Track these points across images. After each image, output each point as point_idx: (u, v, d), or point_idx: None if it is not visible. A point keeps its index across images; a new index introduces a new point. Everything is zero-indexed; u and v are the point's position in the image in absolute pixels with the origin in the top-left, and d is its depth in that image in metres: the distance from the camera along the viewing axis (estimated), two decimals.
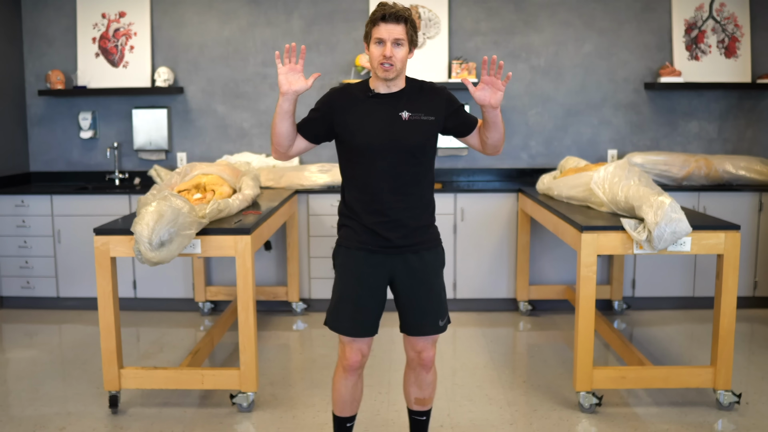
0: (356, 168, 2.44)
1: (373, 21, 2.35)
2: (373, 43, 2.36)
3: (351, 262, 2.47)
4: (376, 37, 2.34)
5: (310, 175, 4.83)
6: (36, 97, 5.33)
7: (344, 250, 2.49)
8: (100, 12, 5.22)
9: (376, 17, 2.34)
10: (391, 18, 2.32)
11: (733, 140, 5.23)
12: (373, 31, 2.35)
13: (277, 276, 4.92)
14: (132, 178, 5.31)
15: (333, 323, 2.51)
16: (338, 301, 2.49)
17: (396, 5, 2.35)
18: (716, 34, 5.13)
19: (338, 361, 2.57)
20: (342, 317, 2.48)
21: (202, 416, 3.22)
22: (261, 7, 5.19)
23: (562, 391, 3.47)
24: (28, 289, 4.89)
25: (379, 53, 2.34)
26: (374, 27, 2.35)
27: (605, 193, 3.46)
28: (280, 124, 2.40)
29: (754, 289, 4.81)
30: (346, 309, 2.47)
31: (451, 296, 4.81)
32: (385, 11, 2.32)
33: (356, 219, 2.46)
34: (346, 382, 2.56)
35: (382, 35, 2.33)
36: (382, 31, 2.33)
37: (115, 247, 3.14)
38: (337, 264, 2.53)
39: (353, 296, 2.46)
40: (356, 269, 2.46)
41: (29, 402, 3.38)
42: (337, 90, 2.52)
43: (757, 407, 3.25)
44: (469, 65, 5.01)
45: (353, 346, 2.50)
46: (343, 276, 2.49)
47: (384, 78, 2.38)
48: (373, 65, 2.38)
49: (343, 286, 2.49)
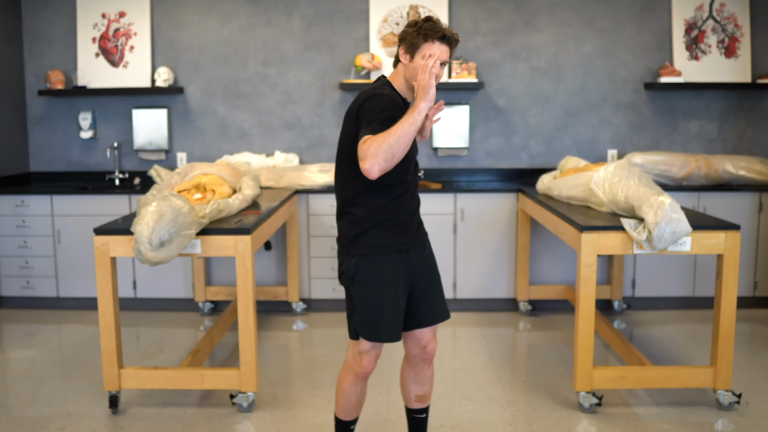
0: (401, 174, 2.41)
1: (427, 36, 2.34)
2: (420, 58, 2.35)
3: (385, 268, 2.42)
4: (428, 53, 2.34)
5: (310, 175, 4.83)
6: (36, 97, 5.33)
7: (373, 258, 2.42)
8: (100, 12, 5.22)
9: (434, 35, 2.34)
10: (448, 40, 2.37)
11: (733, 140, 5.23)
12: (425, 47, 2.34)
13: (277, 276, 4.92)
14: (132, 178, 5.31)
15: (373, 333, 2.43)
16: (377, 310, 2.42)
17: (449, 29, 2.39)
18: (716, 34, 5.13)
19: (350, 369, 2.53)
20: (383, 325, 2.43)
21: (202, 416, 3.22)
22: (261, 7, 5.20)
23: (562, 391, 3.47)
24: (28, 289, 4.89)
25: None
26: (427, 43, 2.34)
27: (605, 193, 3.46)
28: (414, 134, 2.25)
29: (754, 289, 4.81)
30: (386, 316, 2.42)
31: (451, 296, 4.81)
32: (445, 33, 2.35)
33: (387, 223, 2.43)
34: (356, 388, 2.56)
35: (436, 54, 2.34)
36: (436, 49, 2.34)
37: (115, 247, 3.14)
38: (362, 274, 2.42)
39: (393, 300, 2.43)
40: (392, 273, 2.43)
41: (29, 402, 3.38)
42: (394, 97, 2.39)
43: (757, 407, 3.25)
44: (469, 65, 5.01)
45: (372, 354, 2.49)
46: (377, 283, 2.41)
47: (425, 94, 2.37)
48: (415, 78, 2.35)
49: (379, 294, 2.42)
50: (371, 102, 2.29)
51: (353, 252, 2.44)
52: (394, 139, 2.16)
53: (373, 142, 2.17)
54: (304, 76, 5.23)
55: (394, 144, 2.16)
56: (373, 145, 2.16)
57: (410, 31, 2.38)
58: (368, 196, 2.41)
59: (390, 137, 2.16)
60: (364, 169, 2.16)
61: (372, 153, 2.15)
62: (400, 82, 2.45)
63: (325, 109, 5.25)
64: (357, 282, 2.43)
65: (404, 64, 2.41)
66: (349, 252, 2.45)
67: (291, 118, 5.27)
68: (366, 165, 2.16)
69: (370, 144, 2.17)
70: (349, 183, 2.43)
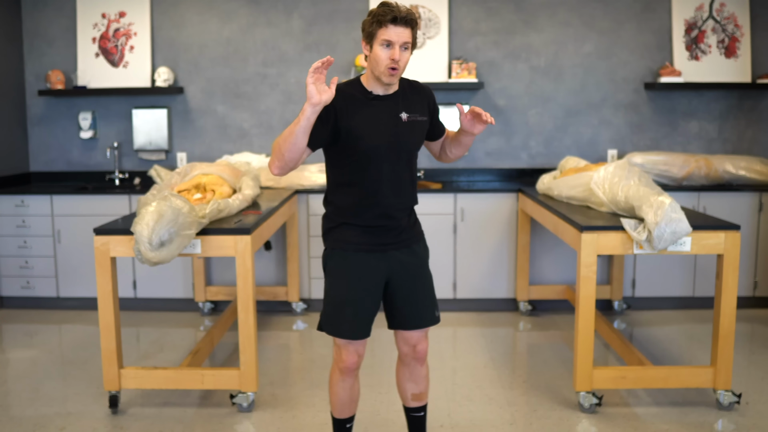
0: (357, 172, 2.39)
1: (380, 22, 2.25)
2: (379, 45, 2.27)
3: (349, 265, 2.44)
4: (384, 39, 2.26)
5: (310, 175, 4.83)
6: (36, 97, 5.33)
7: (340, 252, 2.45)
8: (100, 12, 5.22)
9: (385, 19, 2.24)
10: (401, 21, 2.25)
11: (733, 140, 5.23)
12: (380, 33, 2.26)
13: (277, 276, 4.92)
14: (132, 178, 5.31)
15: (330, 327, 2.46)
16: (336, 305, 2.45)
17: (403, 8, 2.28)
18: (716, 34, 5.13)
19: (334, 364, 2.55)
20: (341, 320, 2.44)
21: (202, 416, 3.22)
22: (261, 7, 5.20)
23: (562, 391, 3.47)
24: (28, 289, 4.89)
25: (386, 56, 2.27)
26: (381, 28, 2.25)
27: (605, 193, 3.46)
28: (302, 138, 2.23)
29: (754, 289, 4.81)
30: (345, 312, 2.43)
31: (451, 296, 4.81)
32: (396, 14, 2.24)
33: (353, 221, 2.43)
34: (344, 384, 2.55)
35: (391, 38, 2.25)
36: (391, 33, 2.25)
37: (115, 247, 3.14)
38: (330, 267, 2.48)
39: (354, 298, 2.44)
40: (355, 271, 2.44)
41: (29, 402, 3.38)
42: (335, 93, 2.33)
43: (757, 407, 3.25)
44: (469, 65, 5.01)
45: (350, 348, 2.49)
46: (340, 279, 2.45)
47: (389, 82, 2.33)
48: (377, 68, 2.30)
49: (341, 289, 2.45)
50: None
51: (326, 245, 2.52)
52: (282, 138, 2.27)
53: (275, 142, 2.32)
54: (304, 76, 5.23)
55: (282, 143, 2.27)
56: (274, 144, 2.32)
57: (366, 21, 2.31)
58: (337, 193, 2.46)
59: (280, 137, 2.29)
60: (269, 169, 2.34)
61: (273, 152, 2.32)
62: (368, 74, 2.39)
63: None
64: (326, 274, 2.51)
65: (367, 55, 2.35)
66: (325, 245, 2.53)
67: (291, 118, 5.27)
68: (270, 165, 2.34)
69: (273, 146, 2.33)
70: (328, 177, 2.51)
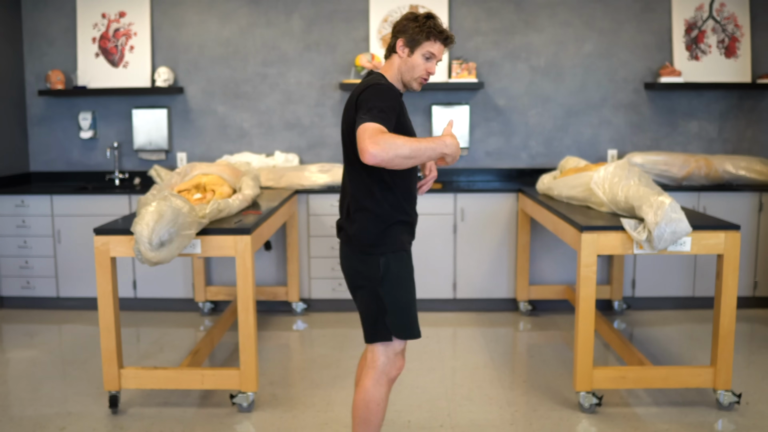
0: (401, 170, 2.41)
1: (430, 35, 2.37)
2: (420, 55, 2.39)
3: (408, 264, 2.45)
4: (429, 52, 2.39)
5: (310, 175, 4.83)
6: (36, 97, 5.33)
7: (402, 254, 2.42)
8: (100, 12, 5.23)
9: (438, 36, 2.37)
10: (447, 41, 2.41)
11: (733, 140, 5.23)
12: (427, 44, 2.38)
13: (277, 276, 4.92)
14: (132, 178, 5.31)
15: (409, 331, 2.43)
16: (408, 308, 2.42)
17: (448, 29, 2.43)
18: (716, 34, 5.13)
19: (384, 375, 2.43)
20: (414, 322, 2.45)
21: (202, 416, 3.22)
22: (261, 7, 5.20)
23: (562, 391, 3.47)
24: (28, 289, 4.89)
25: (424, 68, 2.40)
26: (429, 41, 2.37)
27: (605, 193, 3.46)
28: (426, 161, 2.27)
29: (754, 289, 4.81)
30: (414, 313, 2.45)
31: (450, 296, 4.82)
32: (448, 35, 2.40)
33: (404, 219, 2.44)
34: (388, 394, 2.47)
35: (436, 53, 2.40)
36: (437, 49, 2.40)
37: (115, 247, 3.14)
38: (393, 271, 2.39)
39: (414, 298, 2.47)
40: (412, 270, 2.47)
41: (29, 402, 3.38)
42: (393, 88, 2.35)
43: (757, 407, 3.25)
44: (469, 65, 5.01)
45: (404, 351, 2.49)
46: (407, 281, 2.43)
47: (416, 90, 2.46)
48: (410, 73, 2.41)
49: (409, 292, 2.43)
50: (372, 90, 2.28)
51: (381, 251, 2.39)
52: (411, 151, 2.15)
53: (393, 137, 2.13)
54: (304, 76, 5.23)
55: (408, 155, 2.15)
56: (392, 140, 2.12)
57: (412, 26, 2.37)
58: (384, 191, 2.38)
59: (409, 145, 2.15)
60: (368, 150, 2.10)
61: (386, 145, 2.11)
62: (393, 73, 2.43)
63: (325, 109, 5.25)
64: (388, 281, 2.38)
65: (401, 56, 2.40)
66: (375, 251, 2.39)
67: (291, 118, 5.27)
68: (374, 150, 2.09)
69: (389, 137, 2.13)
70: (363, 179, 2.38)
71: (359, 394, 2.44)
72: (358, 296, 2.47)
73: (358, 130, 2.16)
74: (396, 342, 2.43)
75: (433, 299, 4.84)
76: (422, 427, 3.08)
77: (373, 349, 2.44)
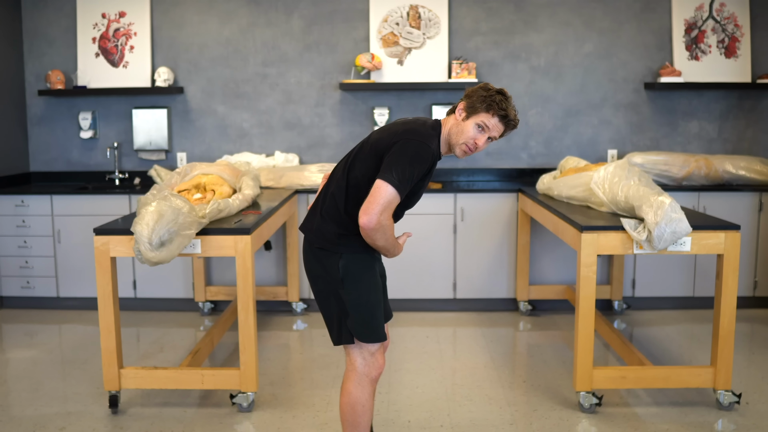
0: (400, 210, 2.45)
1: (492, 108, 2.32)
2: (474, 123, 2.34)
3: (371, 267, 2.42)
4: (483, 122, 2.34)
5: (310, 175, 4.83)
6: (36, 97, 5.33)
7: (362, 256, 2.40)
8: (100, 12, 5.22)
9: (498, 111, 2.32)
10: (507, 122, 2.37)
11: (733, 140, 5.23)
12: (483, 116, 2.33)
13: (277, 276, 4.92)
14: (132, 178, 5.31)
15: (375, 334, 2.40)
16: (373, 309, 2.40)
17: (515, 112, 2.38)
18: (716, 34, 5.13)
19: (365, 376, 2.43)
20: (380, 324, 2.42)
21: (202, 416, 3.22)
22: (261, 7, 5.19)
23: (562, 391, 3.47)
24: (28, 289, 4.89)
25: (472, 136, 2.35)
26: (488, 114, 2.33)
27: (605, 193, 3.46)
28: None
29: (754, 289, 4.81)
30: (379, 315, 2.43)
31: (450, 296, 4.82)
32: (510, 116, 2.35)
33: None
34: (373, 393, 2.47)
35: (490, 127, 2.35)
36: (492, 124, 2.35)
37: (115, 247, 3.14)
38: (352, 273, 2.38)
39: (379, 299, 2.44)
40: (374, 273, 2.44)
41: (29, 402, 3.38)
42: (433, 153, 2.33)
43: (757, 407, 3.25)
44: (469, 65, 5.00)
45: (382, 350, 2.47)
46: (368, 282, 2.40)
47: (460, 157, 2.41)
48: (458, 138, 2.36)
49: (372, 293, 2.41)
50: (412, 147, 2.26)
51: (340, 250, 2.39)
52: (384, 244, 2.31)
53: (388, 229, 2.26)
54: (304, 76, 5.23)
55: (381, 246, 2.31)
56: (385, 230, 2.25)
57: (479, 93, 2.34)
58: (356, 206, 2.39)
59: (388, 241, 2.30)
60: (369, 213, 2.20)
61: (380, 229, 2.23)
62: (445, 131, 2.41)
63: (325, 109, 5.25)
64: (348, 282, 2.38)
65: (457, 118, 2.38)
66: (335, 249, 2.39)
67: (291, 118, 5.27)
68: (370, 222, 2.21)
69: (386, 228, 2.25)
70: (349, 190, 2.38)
71: (344, 398, 2.44)
72: (319, 297, 2.47)
73: (377, 185, 2.21)
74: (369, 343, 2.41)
75: (433, 299, 4.84)
76: (422, 427, 3.08)
77: (348, 352, 2.44)
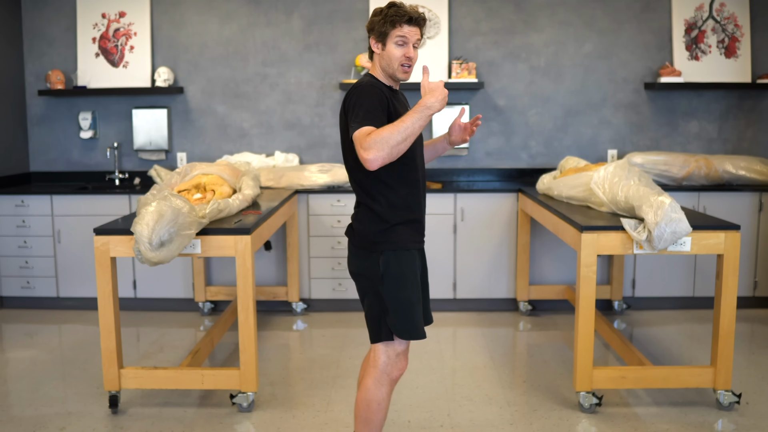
0: (405, 164, 2.39)
1: (394, 22, 2.34)
2: (393, 43, 2.37)
3: (412, 263, 2.41)
4: (400, 36, 2.35)
5: (310, 175, 4.83)
6: (36, 97, 5.33)
7: (404, 253, 2.39)
8: (100, 12, 5.22)
9: (400, 19, 2.34)
10: (414, 21, 2.37)
11: (733, 140, 5.23)
12: (395, 32, 2.35)
13: (277, 276, 4.92)
14: (132, 178, 5.31)
15: (411, 331, 2.39)
16: (410, 306, 2.39)
17: (414, 8, 2.38)
18: (716, 34, 5.13)
19: (385, 375, 2.42)
20: (418, 322, 2.41)
21: (202, 416, 3.22)
22: (261, 7, 5.19)
23: (562, 391, 3.47)
24: (28, 289, 4.89)
25: (400, 54, 2.37)
26: (395, 28, 2.35)
27: (605, 193, 3.46)
28: (420, 130, 2.25)
29: (754, 289, 4.81)
30: (419, 312, 2.42)
31: (450, 296, 4.82)
32: (411, 14, 2.36)
33: (413, 217, 2.43)
34: (389, 395, 2.45)
35: (407, 36, 2.36)
36: (406, 32, 2.36)
37: (115, 247, 3.14)
38: (392, 269, 2.37)
39: (418, 297, 2.43)
40: (414, 269, 2.43)
41: (29, 402, 3.38)
42: (375, 84, 2.36)
43: (757, 407, 3.25)
44: (469, 65, 5.01)
45: (407, 351, 2.47)
46: (408, 279, 2.39)
47: (404, 79, 2.42)
48: (391, 65, 2.38)
49: (411, 290, 2.40)
50: (355, 94, 2.32)
51: (381, 248, 2.38)
52: (400, 134, 2.17)
53: (378, 134, 2.17)
54: (304, 76, 5.23)
55: (400, 139, 2.17)
56: (378, 137, 2.16)
57: (377, 20, 2.38)
58: (384, 191, 2.39)
59: (396, 131, 2.17)
60: (365, 158, 2.17)
61: (376, 145, 2.15)
62: (378, 71, 2.45)
63: (325, 109, 5.25)
64: (388, 280, 2.37)
65: (378, 53, 2.41)
66: (375, 248, 2.38)
67: (291, 118, 5.27)
68: (369, 155, 2.16)
69: (375, 136, 2.16)
70: (361, 179, 2.40)
71: (361, 393, 2.45)
72: (362, 295, 2.48)
73: (354, 142, 2.23)
74: (397, 342, 2.42)
75: (433, 299, 4.81)
76: (422, 427, 3.08)
77: (375, 348, 2.44)
